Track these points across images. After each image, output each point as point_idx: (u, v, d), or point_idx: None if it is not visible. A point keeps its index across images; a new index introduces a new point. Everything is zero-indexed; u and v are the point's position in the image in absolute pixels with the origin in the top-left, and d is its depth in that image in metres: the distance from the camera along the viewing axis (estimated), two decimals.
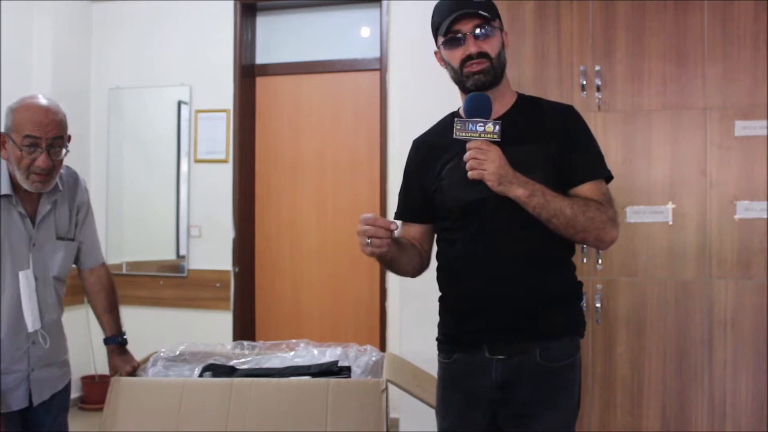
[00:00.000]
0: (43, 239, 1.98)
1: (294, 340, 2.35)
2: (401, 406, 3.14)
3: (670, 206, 2.77)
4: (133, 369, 2.11)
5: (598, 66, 2.83)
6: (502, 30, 1.69)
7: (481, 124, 1.54)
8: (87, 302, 2.24)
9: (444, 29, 1.63)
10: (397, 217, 1.83)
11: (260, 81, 4.28)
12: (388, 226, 1.49)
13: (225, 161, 4.14)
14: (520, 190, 1.53)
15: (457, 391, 1.69)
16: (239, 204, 4.12)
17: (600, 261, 2.81)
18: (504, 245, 1.62)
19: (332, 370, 2.08)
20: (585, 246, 2.70)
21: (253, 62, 4.27)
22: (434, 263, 1.78)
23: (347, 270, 4.10)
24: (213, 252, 4.13)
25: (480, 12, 1.60)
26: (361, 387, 1.98)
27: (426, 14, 1.72)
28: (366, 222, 1.49)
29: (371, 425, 1.91)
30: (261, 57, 4.29)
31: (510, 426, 1.64)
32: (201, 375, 2.11)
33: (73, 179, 2.10)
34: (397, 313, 3.58)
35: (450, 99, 1.80)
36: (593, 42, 2.85)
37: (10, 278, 1.90)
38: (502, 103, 1.69)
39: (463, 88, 1.67)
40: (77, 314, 3.62)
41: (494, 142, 1.54)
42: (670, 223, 2.76)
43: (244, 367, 2.16)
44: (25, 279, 1.91)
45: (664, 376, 2.75)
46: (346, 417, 1.92)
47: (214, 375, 2.09)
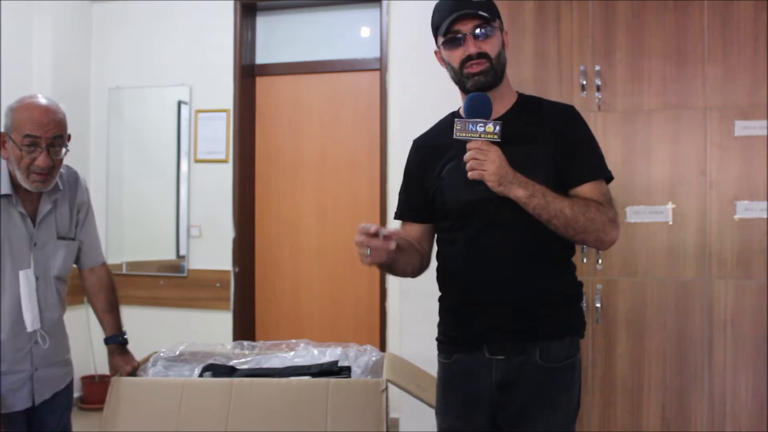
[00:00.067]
0: (44, 239, 1.98)
1: (294, 340, 2.35)
2: (401, 406, 3.14)
3: (670, 206, 2.77)
4: (134, 369, 2.11)
5: (598, 66, 2.83)
6: (503, 30, 1.68)
7: (482, 125, 1.54)
8: (87, 302, 2.24)
9: (444, 29, 1.63)
10: (397, 217, 1.83)
11: (260, 81, 4.28)
12: (387, 246, 1.47)
13: (225, 161, 4.14)
14: (521, 191, 1.53)
15: (457, 392, 1.69)
16: (239, 204, 4.12)
17: (600, 261, 2.81)
18: (504, 246, 1.62)
19: (332, 370, 2.08)
20: (585, 246, 2.70)
21: (253, 62, 4.27)
22: (434, 263, 1.78)
23: (347, 270, 4.10)
24: (213, 252, 4.13)
25: (480, 12, 1.60)
26: (361, 387, 1.98)
27: (426, 14, 1.71)
28: (364, 232, 1.48)
29: (371, 425, 1.91)
30: (261, 57, 4.29)
31: (510, 426, 1.64)
32: (201, 375, 2.11)
33: (74, 179, 2.10)
34: (397, 313, 3.58)
35: (450, 99, 1.80)
36: (593, 42, 2.85)
37: (11, 278, 1.90)
38: (503, 104, 1.68)
39: (463, 89, 1.67)
40: (77, 314, 3.62)
41: (494, 143, 1.53)
42: (670, 223, 2.76)
43: (244, 367, 2.16)
44: (26, 278, 1.91)
45: (664, 376, 2.75)
46: (346, 417, 1.92)
47: (214, 375, 2.09)
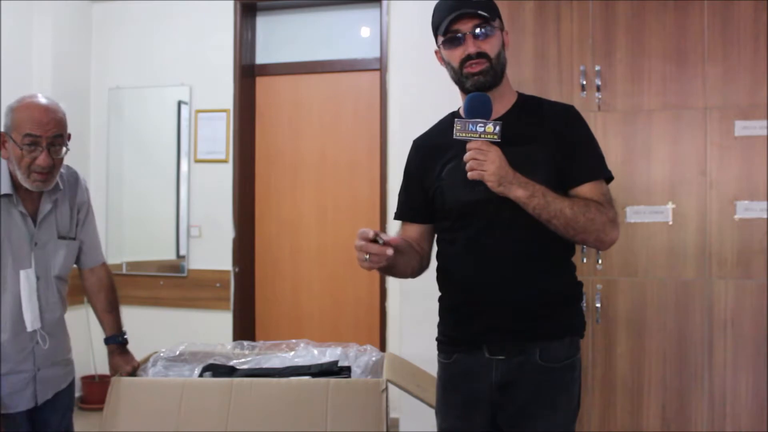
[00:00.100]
0: (45, 238, 1.98)
1: (294, 340, 2.35)
2: (401, 406, 3.14)
3: (670, 206, 2.77)
4: (134, 369, 2.11)
5: (598, 66, 2.83)
6: (503, 30, 1.68)
7: (482, 125, 1.53)
8: (87, 302, 2.24)
9: (443, 29, 1.62)
10: (397, 218, 1.83)
11: (260, 81, 4.28)
12: (385, 252, 1.46)
13: (225, 161, 4.13)
14: (520, 191, 1.53)
15: (457, 392, 1.69)
16: (239, 204, 4.12)
17: (600, 261, 2.81)
18: (504, 246, 1.61)
19: (332, 370, 2.08)
20: (585, 246, 2.70)
21: (253, 62, 4.27)
22: (434, 263, 1.78)
23: (347, 270, 4.09)
24: (213, 252, 4.13)
25: (479, 12, 1.59)
26: (361, 387, 1.98)
27: (426, 14, 1.71)
28: (363, 237, 1.47)
29: (371, 425, 1.91)
30: (261, 57, 4.29)
31: (510, 426, 1.64)
32: (201, 375, 2.11)
33: (74, 178, 2.10)
34: (397, 313, 3.58)
35: (450, 99, 1.80)
36: (593, 42, 2.85)
37: (12, 278, 1.90)
38: (503, 103, 1.68)
39: (463, 89, 1.66)
40: (77, 314, 3.61)
41: (494, 143, 1.53)
42: (670, 223, 2.76)
43: (244, 367, 2.16)
44: (26, 278, 1.91)
45: (664, 376, 2.75)
46: (346, 417, 1.92)
47: (214, 375, 2.09)
